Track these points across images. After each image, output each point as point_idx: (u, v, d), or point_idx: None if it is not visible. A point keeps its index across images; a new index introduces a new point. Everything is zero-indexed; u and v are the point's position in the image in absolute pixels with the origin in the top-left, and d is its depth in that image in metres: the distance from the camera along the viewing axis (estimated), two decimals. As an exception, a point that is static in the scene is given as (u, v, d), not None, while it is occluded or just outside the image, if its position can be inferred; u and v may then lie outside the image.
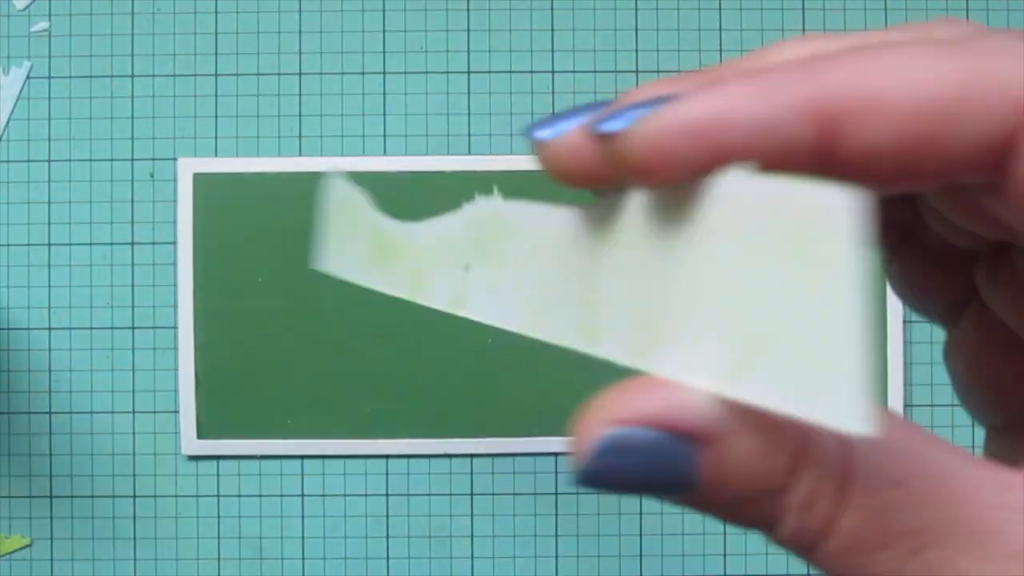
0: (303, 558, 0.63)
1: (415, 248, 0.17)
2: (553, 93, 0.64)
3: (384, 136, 0.63)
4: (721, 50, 0.64)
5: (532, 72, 0.64)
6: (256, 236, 0.62)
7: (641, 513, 0.63)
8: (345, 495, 0.63)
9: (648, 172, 0.12)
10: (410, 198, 0.62)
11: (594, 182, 0.14)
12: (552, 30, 0.64)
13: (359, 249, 0.19)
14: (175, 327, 0.63)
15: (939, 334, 0.66)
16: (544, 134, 0.14)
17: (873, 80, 0.11)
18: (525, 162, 0.63)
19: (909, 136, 0.11)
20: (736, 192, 0.12)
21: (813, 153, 0.12)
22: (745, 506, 0.12)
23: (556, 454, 0.63)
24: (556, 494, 0.63)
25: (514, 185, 0.63)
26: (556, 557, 0.63)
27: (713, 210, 0.12)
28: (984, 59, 0.11)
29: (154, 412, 0.63)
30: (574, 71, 0.64)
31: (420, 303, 0.17)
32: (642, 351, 0.14)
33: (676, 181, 0.12)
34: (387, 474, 0.63)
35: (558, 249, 0.15)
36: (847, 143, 0.12)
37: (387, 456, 0.63)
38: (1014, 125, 0.11)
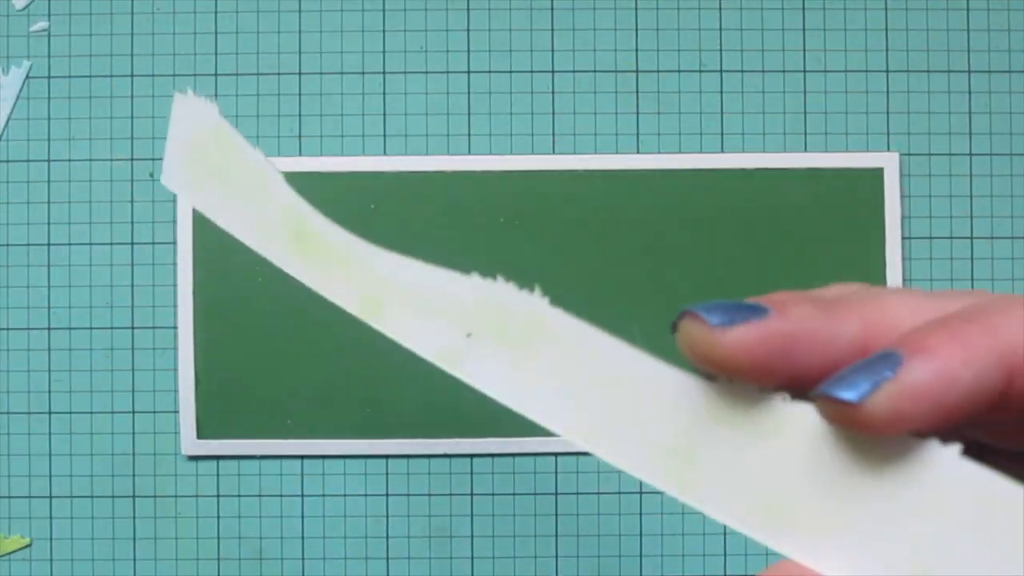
0: (303, 558, 0.63)
1: (375, 274, 0.18)
2: (553, 93, 0.64)
3: (384, 136, 0.63)
4: (721, 50, 0.64)
5: (532, 72, 0.64)
6: (256, 236, 0.62)
7: (641, 513, 0.63)
8: (345, 495, 0.63)
9: (873, 430, 0.14)
10: (410, 198, 0.62)
11: (752, 379, 0.15)
12: (552, 30, 0.64)
13: (257, 207, 0.19)
14: (175, 327, 0.63)
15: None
16: (716, 320, 0.15)
17: None
18: (524, 162, 0.63)
19: None
20: (941, 467, 0.14)
21: (996, 401, 0.14)
22: None
23: (556, 454, 0.63)
24: (556, 494, 0.63)
25: (514, 185, 0.62)
26: (556, 557, 0.63)
27: (912, 468, 0.14)
28: None
29: (154, 412, 0.63)
30: (574, 71, 0.64)
31: (373, 326, 0.18)
32: (766, 527, 0.15)
33: (892, 435, 0.14)
34: (387, 474, 0.63)
35: (646, 389, 0.16)
36: (1017, 388, 0.14)
37: (387, 456, 0.63)
38: None
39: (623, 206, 0.62)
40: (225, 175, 0.19)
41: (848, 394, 0.14)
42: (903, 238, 0.63)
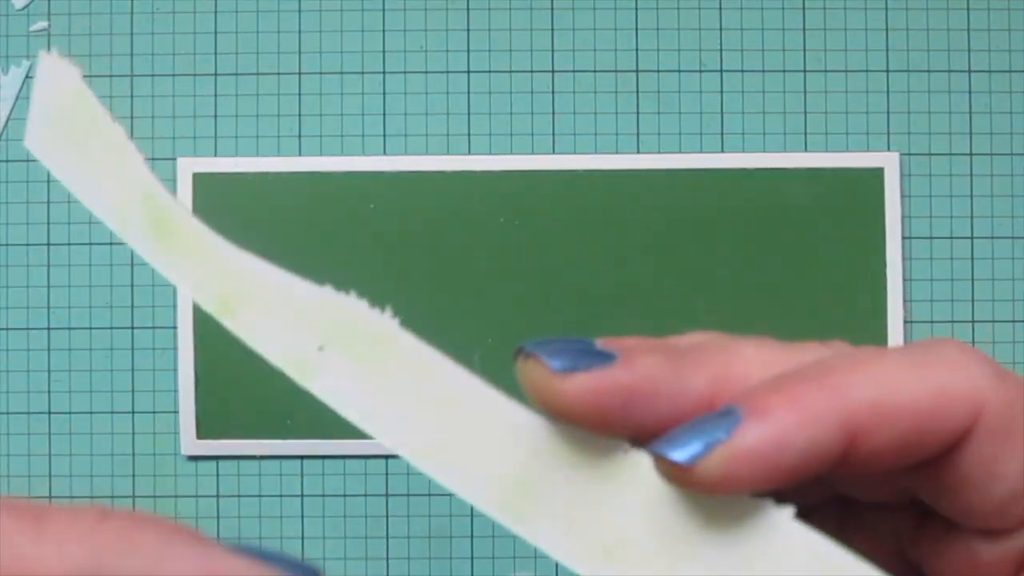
0: (303, 558, 0.63)
1: (228, 271, 0.17)
2: (553, 93, 0.64)
3: (384, 136, 0.63)
4: (721, 50, 0.64)
5: (532, 72, 0.64)
6: (256, 236, 0.62)
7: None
8: (345, 495, 0.63)
9: (705, 492, 0.14)
10: (410, 198, 0.62)
11: (590, 428, 0.15)
12: (552, 30, 0.64)
13: (114, 187, 0.19)
14: (175, 327, 0.63)
15: (939, 334, 0.66)
16: (556, 365, 0.15)
17: (880, 396, 0.14)
18: (524, 162, 0.63)
19: (903, 438, 0.14)
20: (773, 528, 0.14)
21: (836, 460, 0.14)
22: None
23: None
24: (556, 494, 0.63)
25: (514, 185, 0.62)
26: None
27: (745, 527, 0.14)
28: (949, 371, 0.14)
29: (153, 412, 0.63)
30: (574, 71, 0.64)
31: (227, 327, 0.17)
32: (600, 570, 0.15)
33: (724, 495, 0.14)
34: (387, 474, 0.63)
35: (488, 419, 0.16)
36: (859, 447, 0.14)
37: (387, 456, 0.63)
38: (970, 422, 0.14)
39: (623, 206, 0.62)
40: (85, 148, 0.19)
41: (679, 455, 0.14)
42: (903, 238, 0.63)
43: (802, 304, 0.62)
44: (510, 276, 0.62)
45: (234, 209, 0.62)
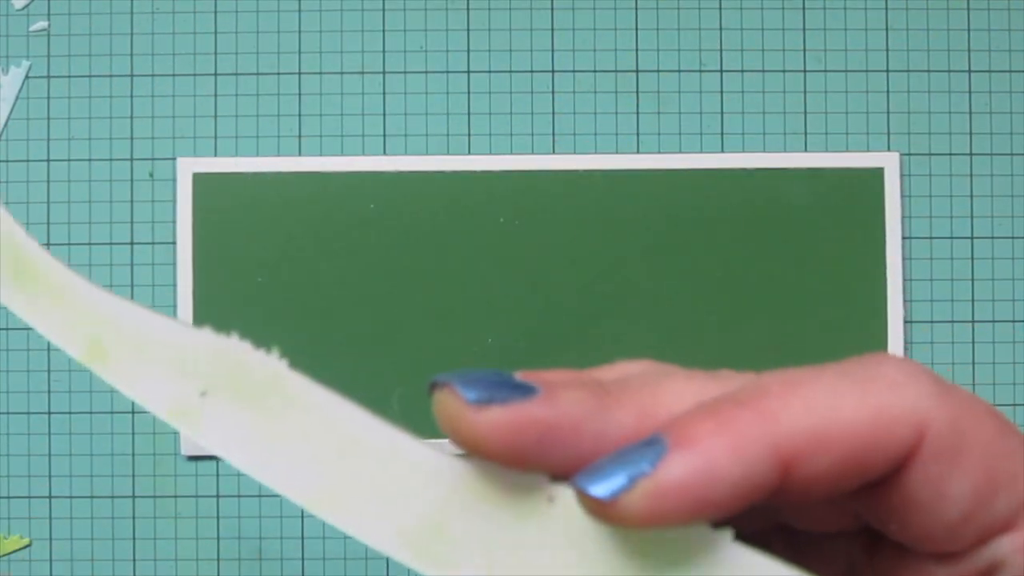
0: (303, 558, 0.63)
1: (96, 315, 0.16)
2: (553, 93, 0.64)
3: (384, 136, 0.63)
4: (721, 50, 0.64)
5: (532, 72, 0.64)
6: (256, 236, 0.62)
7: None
8: (345, 495, 0.63)
9: (630, 527, 0.13)
10: (410, 198, 0.62)
11: (505, 464, 0.14)
12: (552, 30, 0.64)
13: None
14: (175, 327, 0.63)
15: (939, 334, 0.66)
16: (471, 396, 0.14)
17: (817, 420, 0.13)
18: (524, 162, 0.63)
19: (843, 463, 0.14)
20: (713, 553, 0.14)
21: (770, 490, 0.14)
22: None
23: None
24: (556, 494, 0.63)
25: (514, 185, 0.62)
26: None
27: (683, 554, 0.14)
28: (889, 391, 0.14)
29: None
30: (574, 71, 0.64)
31: (100, 376, 0.16)
32: None
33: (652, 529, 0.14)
34: (387, 474, 0.63)
35: (391, 461, 0.15)
36: (796, 475, 0.14)
37: (387, 456, 0.63)
38: (914, 443, 0.14)
39: (623, 206, 0.62)
40: None
41: (599, 490, 0.13)
42: (903, 238, 0.63)
43: (802, 304, 0.62)
44: (510, 276, 0.62)
45: (234, 209, 0.62)
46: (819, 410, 0.13)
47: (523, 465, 0.14)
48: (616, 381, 0.15)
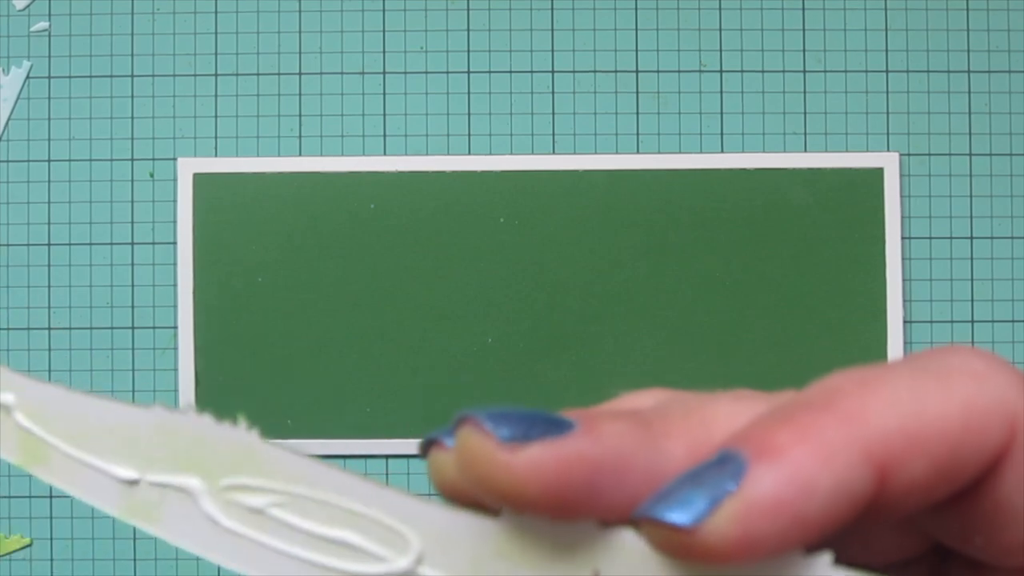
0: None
1: (30, 410, 0.14)
2: (553, 93, 0.64)
3: (384, 136, 0.63)
4: (721, 50, 0.64)
5: (532, 72, 0.64)
6: (256, 236, 0.62)
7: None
8: (345, 495, 0.63)
9: (716, 559, 0.11)
10: (410, 198, 0.62)
11: (547, 515, 0.12)
12: (552, 30, 0.64)
13: None
14: (175, 327, 0.63)
15: (939, 334, 0.66)
16: (504, 434, 0.12)
17: (906, 420, 0.12)
18: (524, 162, 0.63)
19: (938, 466, 0.12)
20: None
21: (868, 503, 0.12)
22: None
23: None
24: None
25: (514, 185, 0.62)
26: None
27: None
28: (974, 384, 0.12)
29: (154, 412, 0.63)
30: (574, 71, 0.64)
31: (42, 479, 0.14)
32: None
33: (748, 562, 0.12)
34: (387, 474, 0.63)
35: (391, 525, 0.13)
36: (892, 483, 0.12)
37: (387, 456, 0.63)
38: (1007, 439, 0.12)
39: (623, 206, 0.62)
40: None
41: (679, 516, 0.11)
42: (903, 238, 0.63)
43: (802, 304, 0.62)
44: (510, 275, 0.62)
45: (234, 209, 0.62)
46: (905, 409, 0.12)
47: (569, 512, 0.12)
48: (654, 410, 0.13)
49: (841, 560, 0.14)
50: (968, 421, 0.12)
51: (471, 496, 0.13)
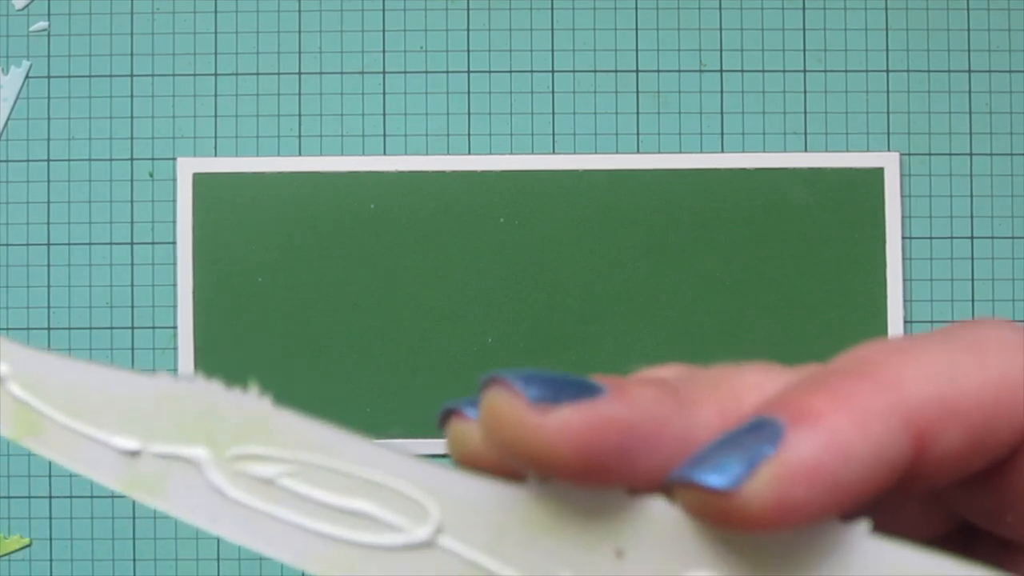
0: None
1: (24, 379, 0.13)
2: (553, 93, 0.64)
3: (384, 136, 0.63)
4: (721, 50, 0.64)
5: (532, 72, 0.64)
6: (256, 236, 0.62)
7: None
8: (345, 495, 0.63)
9: (753, 526, 0.11)
10: (410, 198, 0.62)
11: (577, 479, 0.12)
12: (552, 30, 0.64)
13: None
14: (175, 327, 0.63)
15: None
16: (533, 394, 0.11)
17: (943, 388, 0.12)
18: (524, 162, 0.63)
19: (975, 435, 0.12)
20: (848, 554, 0.11)
21: (904, 472, 0.12)
22: None
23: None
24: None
25: (514, 185, 0.62)
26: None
27: (809, 560, 0.11)
28: (1007, 355, 0.12)
29: (154, 412, 0.63)
30: (574, 71, 0.64)
31: (35, 451, 0.13)
32: None
33: (783, 529, 0.11)
34: (387, 474, 0.63)
35: (412, 494, 0.12)
36: (929, 452, 0.12)
37: (387, 456, 0.63)
38: None
39: (623, 206, 0.62)
40: None
41: (716, 479, 0.11)
42: (903, 238, 0.63)
43: (802, 304, 0.62)
44: (510, 276, 0.62)
45: (234, 209, 0.62)
46: (941, 377, 0.12)
47: (599, 478, 0.12)
48: (682, 380, 0.13)
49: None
50: (1002, 392, 0.12)
51: (492, 467, 0.12)
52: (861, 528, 0.11)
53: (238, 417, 0.13)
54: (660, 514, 0.12)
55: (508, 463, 0.12)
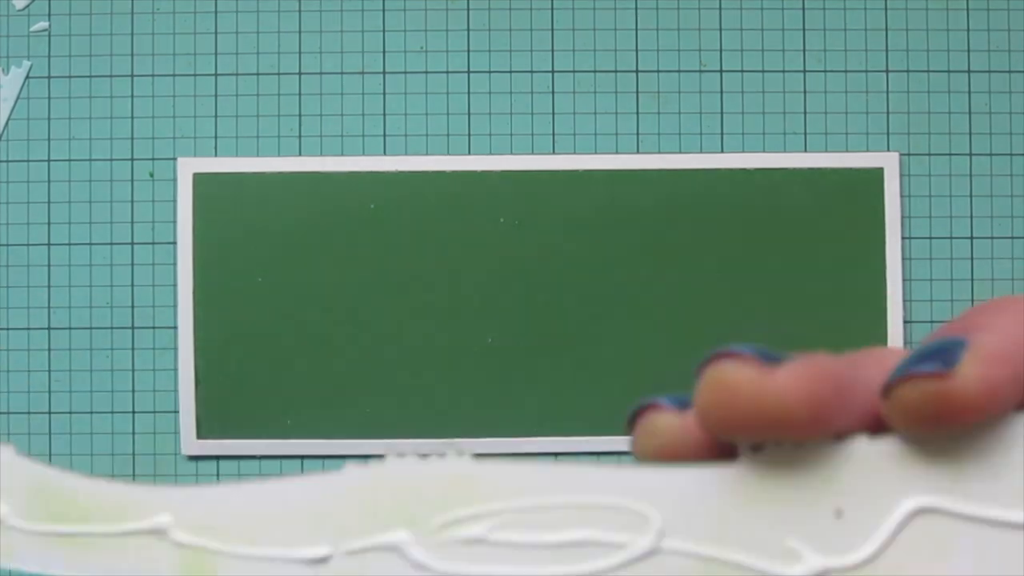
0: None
1: (190, 522, 0.12)
2: (553, 93, 0.64)
3: (384, 136, 0.63)
4: (721, 50, 0.64)
5: (532, 72, 0.64)
6: (256, 236, 0.62)
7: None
8: (345, 495, 0.63)
9: (968, 409, 0.12)
10: (410, 198, 0.62)
11: (809, 430, 0.13)
12: (552, 30, 0.64)
13: None
14: (175, 327, 0.63)
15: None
16: (762, 358, 0.13)
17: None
18: (524, 162, 0.63)
19: None
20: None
21: None
22: None
23: (556, 454, 0.63)
24: (556, 494, 0.63)
25: (514, 185, 0.62)
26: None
27: (1003, 444, 0.12)
28: None
29: (154, 412, 0.63)
30: (574, 71, 0.64)
31: None
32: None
33: (993, 416, 0.13)
34: (387, 474, 0.63)
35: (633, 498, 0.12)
36: None
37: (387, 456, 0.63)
38: None
39: (623, 206, 0.62)
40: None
41: (933, 365, 0.12)
42: (903, 238, 0.63)
43: (802, 304, 0.62)
44: (510, 275, 0.62)
45: (234, 209, 0.62)
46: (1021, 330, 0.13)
47: (825, 424, 0.13)
48: (832, 355, 0.14)
49: None
50: None
51: (692, 454, 0.13)
52: None
53: (439, 484, 0.12)
54: (866, 451, 0.13)
55: (728, 436, 0.13)
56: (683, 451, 0.13)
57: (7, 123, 0.63)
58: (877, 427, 0.13)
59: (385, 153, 0.63)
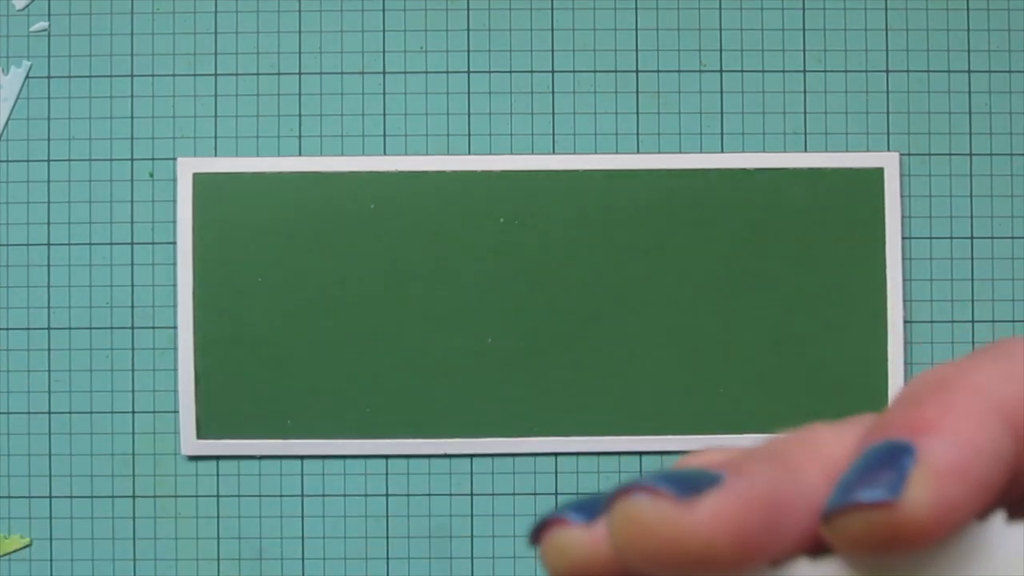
0: (303, 558, 0.63)
1: None
2: (553, 93, 0.64)
3: (384, 136, 0.63)
4: (721, 50, 0.64)
5: (532, 72, 0.64)
6: (256, 236, 0.62)
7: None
8: (345, 495, 0.63)
9: (921, 535, 0.11)
10: (410, 198, 0.62)
11: (736, 563, 0.11)
12: (552, 30, 0.64)
13: None
14: (175, 327, 0.63)
15: (939, 334, 0.66)
16: (676, 493, 0.12)
17: (1017, 387, 0.12)
18: (524, 162, 0.63)
19: None
20: (998, 541, 0.12)
21: (1014, 461, 0.12)
22: None
23: (556, 454, 0.63)
24: (556, 494, 0.63)
25: (514, 185, 0.62)
26: (556, 557, 0.63)
27: (965, 560, 0.12)
28: None
29: (154, 412, 0.63)
30: (574, 71, 0.64)
31: None
32: None
33: (942, 538, 0.12)
34: (387, 474, 0.63)
35: None
36: None
37: (387, 456, 0.63)
38: None
39: (623, 206, 0.62)
40: None
41: (876, 493, 0.11)
42: (903, 238, 0.63)
43: (802, 304, 0.62)
44: (510, 275, 0.62)
45: (234, 209, 0.62)
46: (1016, 380, 0.12)
47: (754, 556, 0.11)
48: (764, 452, 0.13)
49: None
50: None
51: (610, 568, 0.12)
52: (998, 519, 0.12)
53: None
54: (806, 574, 0.12)
55: (644, 570, 0.12)
56: (597, 568, 0.12)
57: (7, 123, 0.63)
58: (819, 544, 0.12)
59: (385, 153, 0.63)
